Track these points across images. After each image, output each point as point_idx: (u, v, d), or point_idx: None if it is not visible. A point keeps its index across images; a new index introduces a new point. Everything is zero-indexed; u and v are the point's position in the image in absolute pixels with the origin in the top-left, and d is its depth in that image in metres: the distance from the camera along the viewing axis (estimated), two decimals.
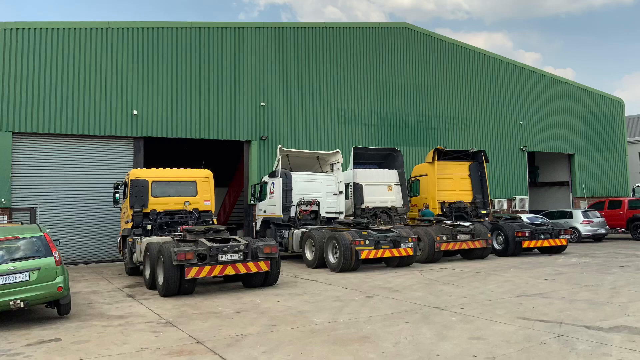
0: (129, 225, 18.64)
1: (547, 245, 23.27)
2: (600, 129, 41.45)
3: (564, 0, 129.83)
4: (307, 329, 10.44)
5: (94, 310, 12.96)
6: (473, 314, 11.43)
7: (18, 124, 22.64)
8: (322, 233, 20.02)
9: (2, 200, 22.00)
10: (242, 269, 14.79)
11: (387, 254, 19.06)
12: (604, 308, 11.83)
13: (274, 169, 23.43)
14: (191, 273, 14.12)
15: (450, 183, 26.56)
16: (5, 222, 19.08)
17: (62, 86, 23.52)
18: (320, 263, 19.76)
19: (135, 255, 17.56)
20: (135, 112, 24.59)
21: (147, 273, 15.85)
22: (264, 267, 15.08)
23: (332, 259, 19.18)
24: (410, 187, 27.38)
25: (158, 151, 30.49)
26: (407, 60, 32.88)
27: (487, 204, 26.92)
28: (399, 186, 25.36)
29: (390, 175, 25.37)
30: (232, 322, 11.14)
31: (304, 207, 22.70)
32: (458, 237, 21.53)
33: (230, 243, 15.09)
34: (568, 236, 24.09)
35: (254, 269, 14.94)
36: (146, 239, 16.73)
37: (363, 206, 24.24)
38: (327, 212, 23.30)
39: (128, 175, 19.19)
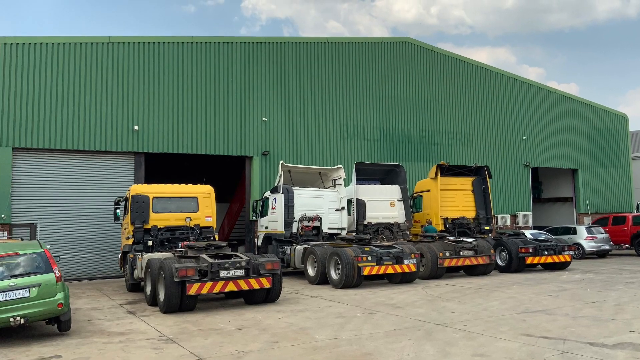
0: (130, 241, 18.61)
1: (551, 261, 23.17)
2: (604, 144, 41.37)
3: (568, 15, 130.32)
4: (309, 345, 10.37)
5: (94, 326, 12.91)
6: (476, 330, 11.35)
7: (18, 140, 22.61)
8: (324, 249, 19.94)
9: (2, 216, 21.95)
10: (244, 286, 14.76)
11: (390, 270, 18.98)
12: (608, 324, 11.76)
13: (275, 185, 23.39)
14: (192, 289, 14.08)
15: (453, 199, 26.48)
16: (5, 238, 19.03)
17: (63, 101, 23.50)
18: (322, 279, 19.67)
19: (136, 271, 17.50)
20: (136, 127, 24.58)
21: (148, 289, 15.80)
22: (265, 283, 15.04)
23: (334, 275, 19.10)
24: (412, 202, 27.29)
25: (159, 167, 30.46)
26: (409, 75, 32.90)
27: (490, 219, 26.83)
28: (402, 202, 25.26)
29: (392, 191, 25.29)
30: (234, 339, 11.08)
31: (306, 223, 22.63)
32: (461, 253, 21.43)
33: (232, 259, 15.05)
34: (572, 252, 24.00)
35: (255, 286, 14.90)
36: (147, 255, 16.69)
37: (365, 222, 24.15)
38: (329, 228, 23.21)
39: (129, 191, 19.17)
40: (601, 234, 30.97)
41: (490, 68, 36.61)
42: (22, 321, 10.95)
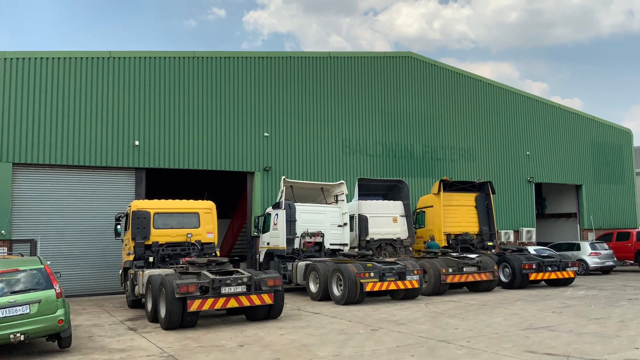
0: (131, 258, 18.56)
1: (555, 277, 23.05)
2: (609, 159, 41.24)
3: (571, 30, 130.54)
4: None
5: (95, 343, 12.86)
6: (479, 347, 11.27)
7: (18, 155, 22.57)
8: (327, 265, 19.86)
9: (2, 232, 21.87)
10: (246, 302, 14.70)
11: (392, 286, 18.89)
12: (612, 341, 11.67)
13: (277, 201, 23.34)
14: (194, 306, 14.03)
15: (456, 214, 26.40)
16: (5, 254, 18.97)
17: (63, 116, 23.49)
18: (324, 296, 19.56)
19: (137, 287, 17.45)
20: (137, 142, 24.56)
21: (149, 306, 15.75)
22: (267, 299, 14.98)
23: (336, 291, 19.00)
24: (415, 218, 27.22)
25: (160, 182, 30.44)
26: (412, 90, 32.91)
27: (493, 235, 26.73)
28: (404, 218, 25.18)
29: (395, 207, 25.22)
30: (236, 356, 11.01)
31: (308, 239, 22.56)
32: (464, 269, 21.34)
33: (234, 275, 15.01)
34: (576, 268, 23.87)
35: (257, 302, 14.85)
36: (148, 271, 16.64)
37: (368, 238, 24.06)
38: (331, 244, 23.14)
39: (130, 206, 19.15)
40: (605, 250, 30.85)
41: (493, 83, 36.62)
42: (22, 338, 10.92)
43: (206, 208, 19.71)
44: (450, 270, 21.08)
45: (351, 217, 24.06)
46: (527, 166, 36.90)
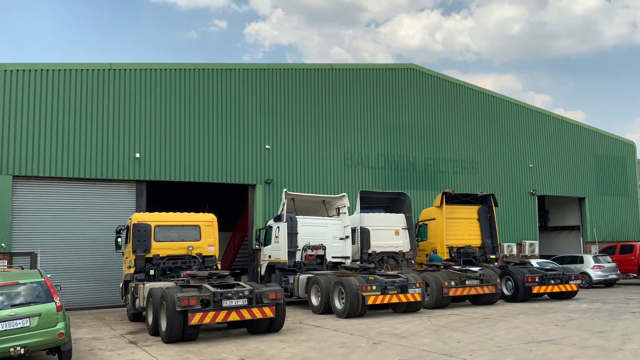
0: (132, 271, 18.50)
1: (558, 290, 22.98)
2: (612, 172, 41.16)
3: (575, 42, 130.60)
4: None
5: (95, 357, 12.86)
6: None
7: (18, 167, 22.53)
8: (328, 278, 19.80)
9: (2, 244, 21.80)
10: (247, 315, 14.67)
11: (395, 299, 18.83)
12: (615, 355, 11.63)
13: (279, 213, 23.29)
14: (195, 319, 13.99)
15: (458, 227, 26.35)
16: (6, 267, 18.97)
17: (63, 128, 23.45)
18: (326, 309, 19.48)
19: (137, 300, 17.42)
20: (137, 155, 24.52)
21: (150, 319, 15.72)
22: (269, 313, 14.93)
23: (338, 304, 18.93)
24: (417, 231, 27.16)
25: (161, 195, 30.39)
26: (414, 102, 32.89)
27: (496, 248, 26.67)
28: (407, 230, 25.16)
29: (397, 220, 25.20)
30: None
31: (309, 252, 22.50)
32: (467, 282, 21.26)
33: (235, 288, 14.96)
34: (579, 281, 23.80)
35: (258, 315, 14.81)
36: (149, 285, 16.64)
37: (370, 251, 24.03)
38: (333, 257, 23.09)
39: (130, 219, 19.12)
40: (608, 263, 30.74)
41: (496, 95, 36.63)
42: (22, 351, 10.91)
43: (207, 221, 19.68)
44: (453, 283, 21.00)
45: (353, 230, 24.02)
46: (530, 179, 36.85)
